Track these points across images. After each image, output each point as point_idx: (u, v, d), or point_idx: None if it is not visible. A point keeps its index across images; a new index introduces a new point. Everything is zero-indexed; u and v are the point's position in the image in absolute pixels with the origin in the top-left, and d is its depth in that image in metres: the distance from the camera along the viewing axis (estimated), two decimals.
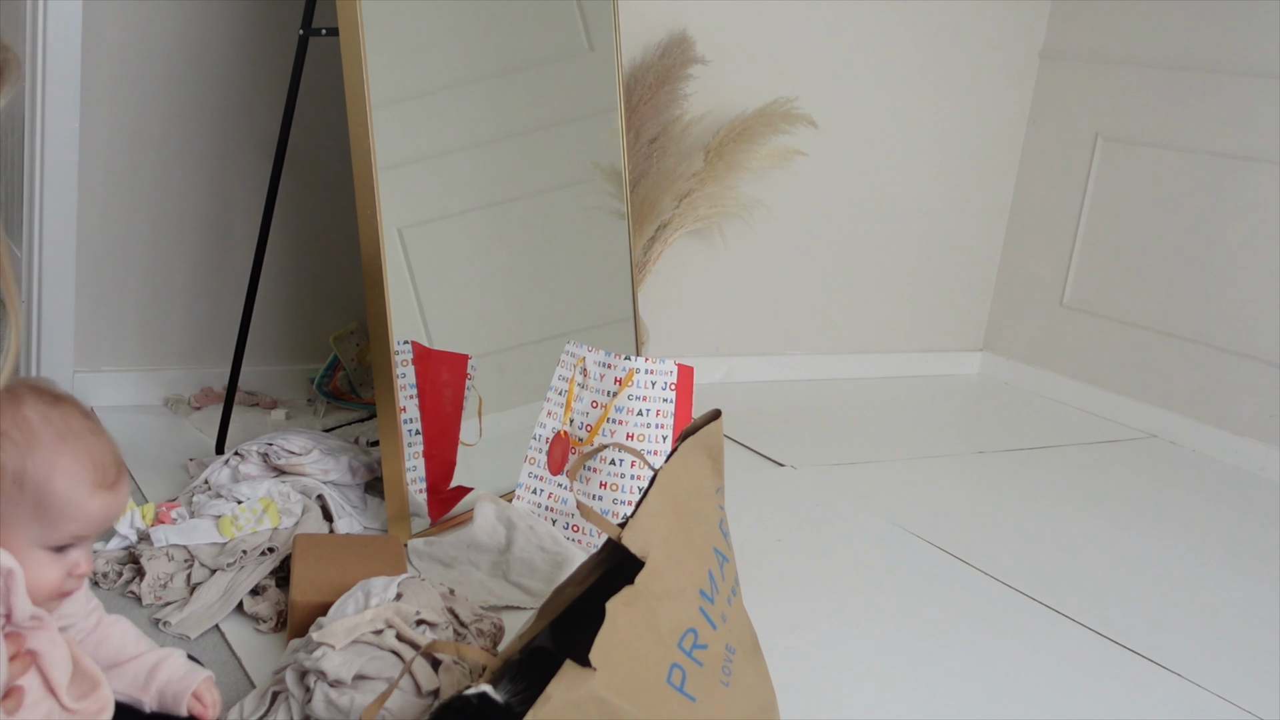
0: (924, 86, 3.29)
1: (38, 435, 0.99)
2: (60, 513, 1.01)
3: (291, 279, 2.64)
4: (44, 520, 1.01)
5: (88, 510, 1.03)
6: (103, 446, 1.05)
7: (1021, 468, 2.77)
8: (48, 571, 1.03)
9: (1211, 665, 1.87)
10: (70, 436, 1.02)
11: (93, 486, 1.03)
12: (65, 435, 1.01)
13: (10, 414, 0.98)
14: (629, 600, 1.19)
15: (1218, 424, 3.00)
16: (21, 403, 0.99)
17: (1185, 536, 2.43)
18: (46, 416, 1.01)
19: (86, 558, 1.07)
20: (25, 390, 1.01)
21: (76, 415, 1.03)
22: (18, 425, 0.98)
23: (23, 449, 0.98)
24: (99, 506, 1.04)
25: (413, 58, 2.06)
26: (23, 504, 0.99)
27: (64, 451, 1.01)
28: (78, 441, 1.02)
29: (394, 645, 1.46)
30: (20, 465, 0.98)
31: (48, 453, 1.00)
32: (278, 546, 1.81)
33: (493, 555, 1.91)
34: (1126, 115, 3.21)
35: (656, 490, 1.32)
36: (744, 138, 2.84)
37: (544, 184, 2.33)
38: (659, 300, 3.00)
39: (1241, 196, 2.96)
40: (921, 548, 2.22)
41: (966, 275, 3.54)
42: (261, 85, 2.47)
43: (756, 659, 1.43)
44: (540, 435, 2.07)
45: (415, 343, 2.02)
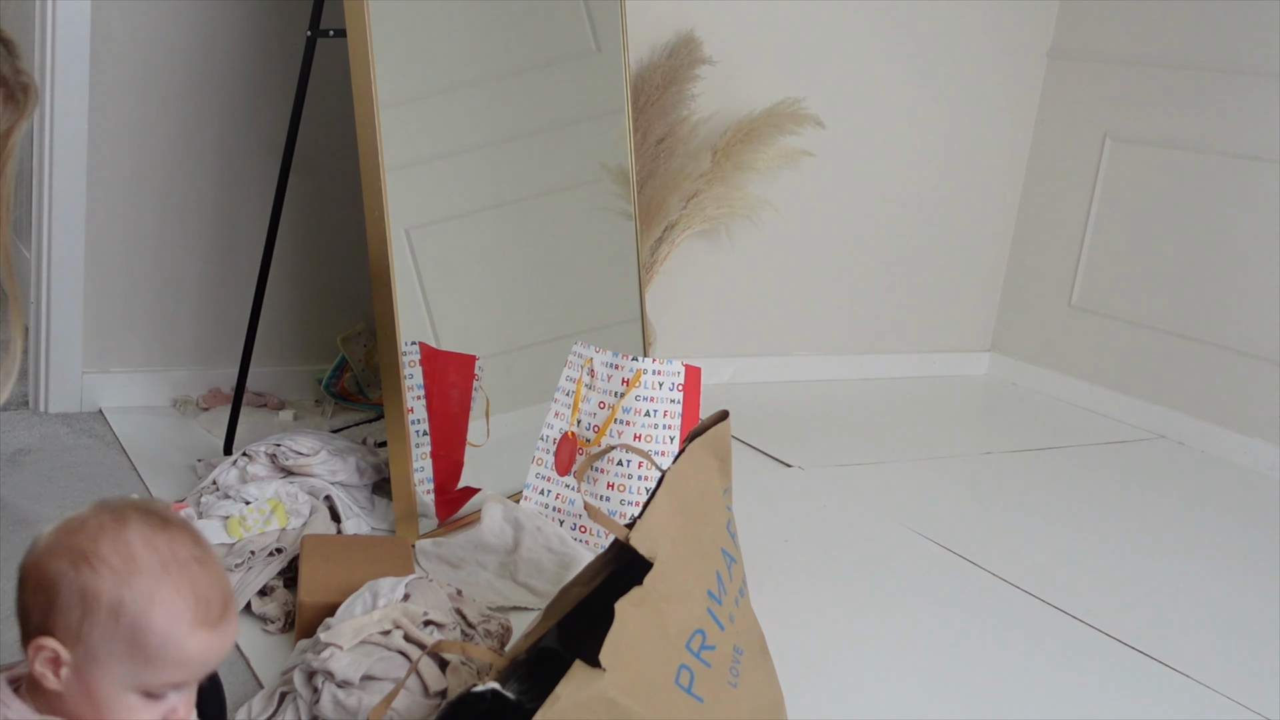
0: (932, 87, 3.28)
1: (139, 563, 0.90)
2: (156, 652, 0.91)
3: (299, 280, 2.64)
4: (138, 659, 0.91)
5: (186, 651, 0.92)
6: (210, 578, 0.94)
7: (1029, 468, 2.76)
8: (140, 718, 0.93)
9: (1220, 666, 1.86)
10: (174, 566, 0.92)
11: (193, 624, 0.92)
12: (169, 564, 0.91)
13: (113, 538, 0.89)
14: (637, 601, 1.19)
15: (1226, 425, 2.99)
16: (126, 525, 0.91)
17: (1193, 537, 2.43)
18: (151, 542, 0.91)
19: (186, 704, 0.96)
20: (132, 512, 0.93)
21: (184, 542, 0.94)
22: (119, 550, 0.89)
23: (122, 577, 0.89)
24: (198, 647, 0.93)
25: (420, 59, 2.06)
26: (117, 639, 0.89)
27: (165, 582, 0.91)
28: (181, 572, 0.92)
29: (401, 646, 1.46)
30: (118, 595, 0.89)
31: (148, 583, 0.90)
32: (285, 547, 1.82)
33: (500, 556, 1.91)
34: (1135, 115, 3.20)
35: (664, 491, 1.32)
36: (751, 138, 2.83)
37: (551, 185, 2.33)
38: (666, 301, 3.00)
39: (1250, 196, 2.95)
40: (929, 548, 2.22)
41: (974, 275, 3.54)
42: (269, 86, 2.48)
43: (764, 660, 1.42)
44: (548, 436, 2.07)
45: (423, 343, 2.02)
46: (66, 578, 0.87)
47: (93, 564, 0.86)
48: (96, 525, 0.88)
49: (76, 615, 0.86)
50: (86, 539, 0.88)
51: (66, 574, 0.87)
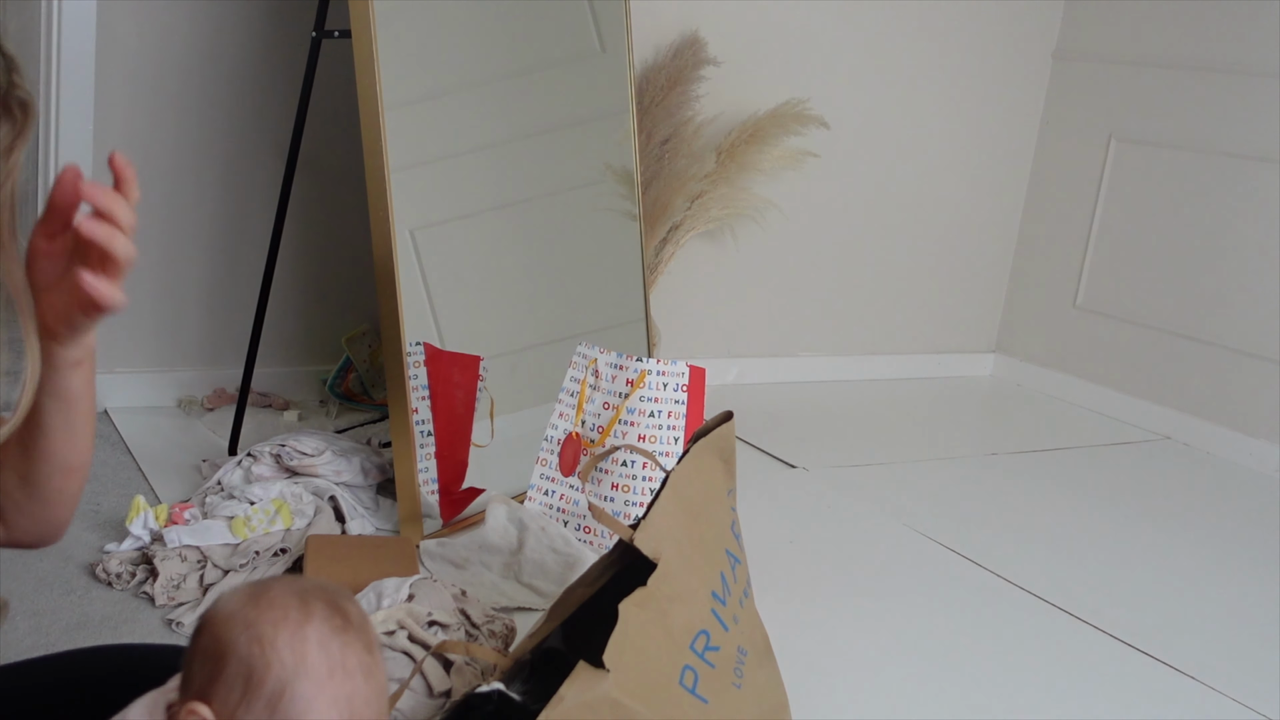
0: (937, 87, 3.28)
1: (309, 664, 0.87)
2: None
3: (304, 280, 2.64)
4: None
5: None
6: (370, 693, 0.91)
7: (1034, 469, 2.76)
8: None
9: (1225, 668, 1.86)
10: (341, 675, 0.88)
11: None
12: (335, 672, 0.88)
13: (293, 630, 0.87)
14: (641, 602, 1.19)
15: (1232, 426, 2.98)
16: (309, 618, 0.88)
17: (1199, 539, 2.42)
18: (325, 645, 0.88)
19: None
20: (318, 602, 0.90)
21: (357, 649, 0.90)
22: (294, 646, 0.87)
23: (290, 673, 0.86)
24: None
25: (425, 60, 2.06)
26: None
27: (328, 689, 0.88)
28: (346, 682, 0.89)
29: (406, 646, 1.46)
30: (279, 689, 0.86)
31: (310, 686, 0.87)
32: (290, 547, 1.82)
33: (504, 556, 1.91)
34: (1140, 116, 3.20)
35: (668, 492, 1.32)
36: (756, 139, 2.83)
37: (556, 185, 2.33)
38: (671, 302, 3.00)
39: (1256, 197, 2.94)
40: (933, 549, 2.21)
41: (979, 276, 3.53)
42: (274, 87, 2.48)
43: (768, 661, 1.42)
44: (552, 437, 2.07)
45: (427, 344, 2.02)
46: (239, 654, 0.86)
47: (265, 653, 0.85)
48: (281, 612, 0.87)
49: (237, 694, 0.85)
50: (267, 624, 0.86)
51: (239, 650, 0.86)
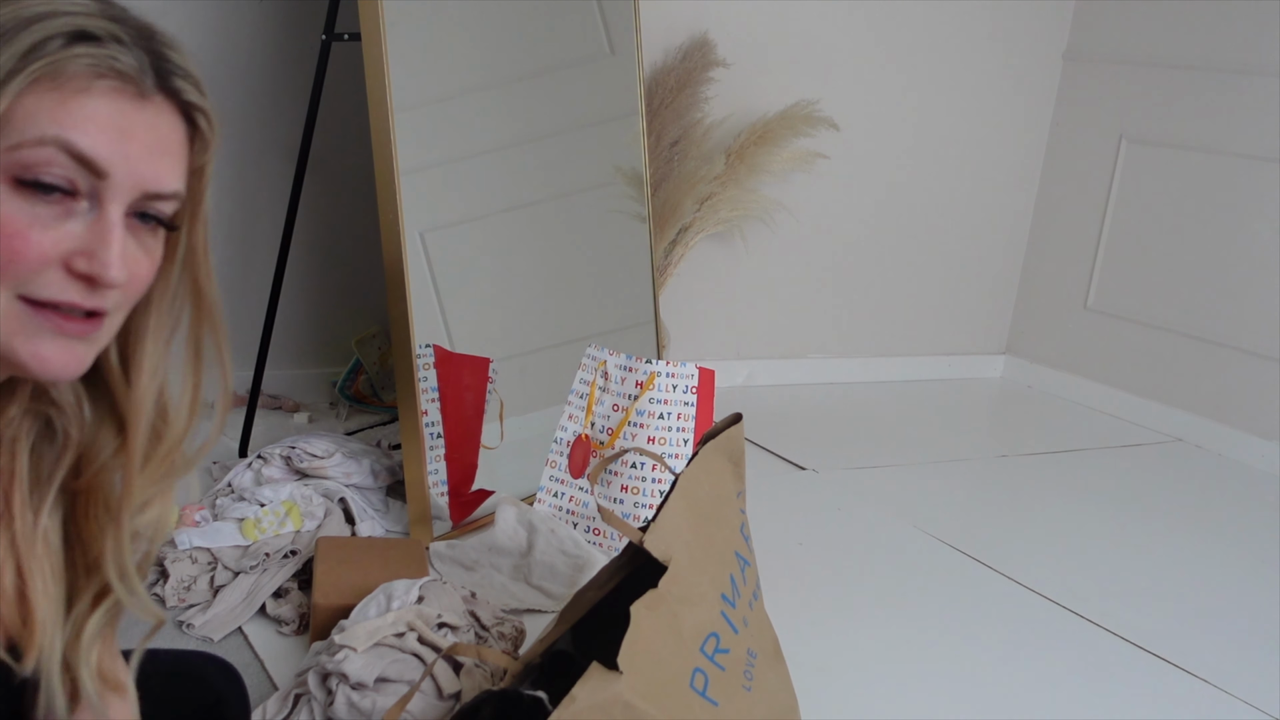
0: (947, 88, 3.27)
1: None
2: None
3: (314, 283, 2.65)
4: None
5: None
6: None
7: (1045, 471, 2.75)
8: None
9: (1237, 671, 1.85)
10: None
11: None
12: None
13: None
14: (652, 604, 1.19)
15: (1243, 428, 2.97)
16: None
17: (1210, 541, 2.41)
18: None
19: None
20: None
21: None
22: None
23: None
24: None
25: (434, 62, 2.06)
26: None
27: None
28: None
29: (415, 648, 1.46)
30: None
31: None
32: (300, 549, 1.82)
33: (514, 558, 1.91)
34: (1150, 117, 3.19)
35: (678, 494, 1.32)
36: (765, 141, 2.83)
37: (565, 187, 2.33)
38: (680, 303, 3.00)
39: (1267, 198, 2.93)
40: (944, 551, 2.21)
41: (990, 278, 3.53)
42: (284, 90, 2.49)
43: (778, 663, 1.42)
44: (561, 439, 2.07)
45: (437, 346, 2.02)
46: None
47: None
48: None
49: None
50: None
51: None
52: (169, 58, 0.79)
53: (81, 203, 0.75)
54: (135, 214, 0.79)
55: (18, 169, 0.73)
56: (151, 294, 0.84)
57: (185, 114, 0.81)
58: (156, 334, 0.86)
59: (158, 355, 0.86)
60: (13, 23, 0.73)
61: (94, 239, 0.75)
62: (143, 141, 0.77)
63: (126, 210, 0.77)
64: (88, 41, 0.74)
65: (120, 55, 0.75)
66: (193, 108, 0.80)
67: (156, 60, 0.78)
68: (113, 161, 0.75)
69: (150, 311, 0.85)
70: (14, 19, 0.73)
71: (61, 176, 0.74)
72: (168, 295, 0.85)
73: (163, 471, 0.88)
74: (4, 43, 0.72)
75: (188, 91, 0.80)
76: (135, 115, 0.76)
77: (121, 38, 0.76)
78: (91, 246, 0.75)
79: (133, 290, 0.80)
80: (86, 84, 0.74)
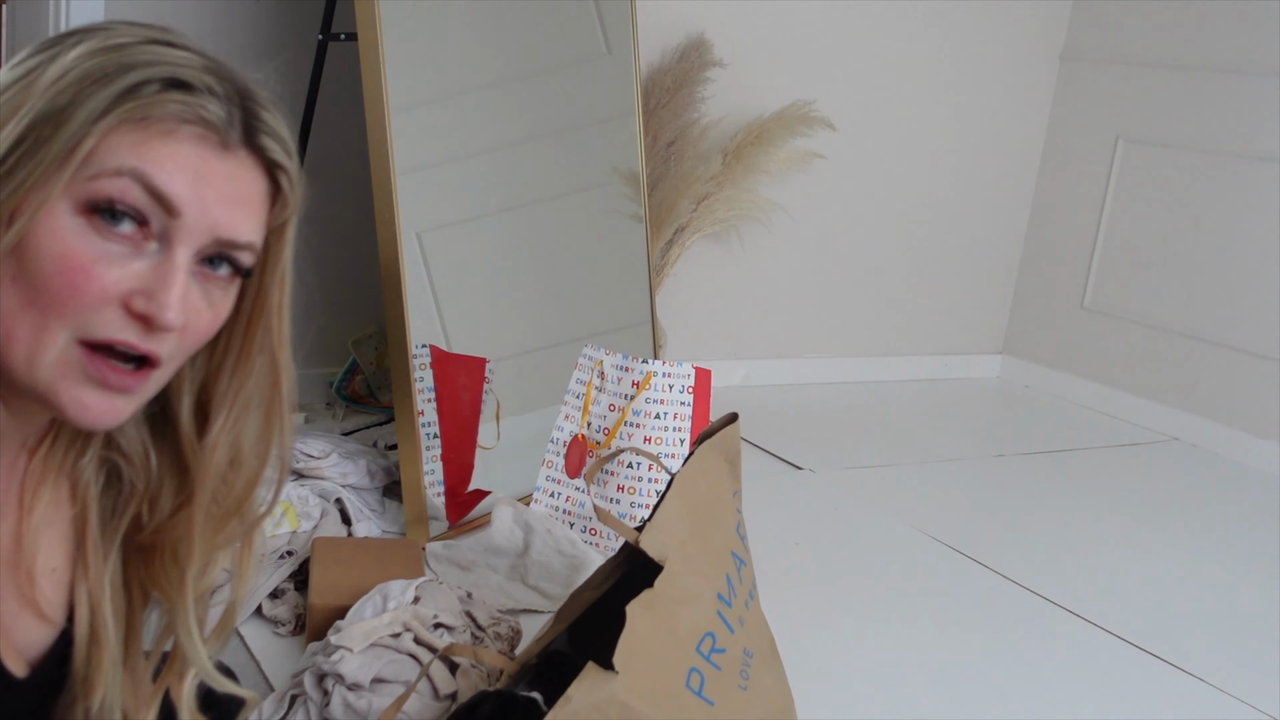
0: (944, 88, 3.28)
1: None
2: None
3: (310, 282, 2.63)
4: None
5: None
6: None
7: (1041, 471, 2.75)
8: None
9: (1234, 670, 1.85)
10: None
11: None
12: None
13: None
14: (648, 604, 1.19)
15: (1240, 427, 2.97)
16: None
17: (1206, 540, 2.41)
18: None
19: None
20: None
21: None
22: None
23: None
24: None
25: (431, 62, 2.06)
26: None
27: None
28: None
29: (412, 648, 1.46)
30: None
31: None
32: (296, 550, 1.82)
33: (510, 559, 1.91)
34: (1147, 117, 3.19)
35: (674, 494, 1.32)
36: (762, 141, 2.83)
37: (562, 188, 2.33)
38: (676, 303, 3.00)
39: (1264, 198, 2.93)
40: (941, 551, 2.21)
41: (986, 277, 3.53)
42: (281, 91, 2.48)
43: (774, 663, 1.42)
44: (558, 438, 2.07)
45: (433, 346, 2.02)
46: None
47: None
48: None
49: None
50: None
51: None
52: (260, 116, 0.81)
53: (151, 242, 0.76)
54: (207, 260, 0.79)
55: (92, 195, 0.74)
56: (227, 354, 0.85)
57: (268, 171, 0.82)
58: (233, 394, 0.86)
59: (233, 417, 0.87)
60: (115, 68, 0.75)
61: (156, 279, 0.75)
62: (220, 189, 0.78)
63: (197, 256, 0.78)
64: (181, 89, 0.76)
65: (210, 105, 0.77)
66: (276, 166, 0.82)
67: (247, 116, 0.80)
68: (187, 201, 0.76)
69: (225, 371, 0.86)
70: (118, 64, 0.75)
71: (135, 207, 0.74)
72: (246, 357, 0.86)
73: (224, 535, 0.89)
74: (103, 84, 0.74)
75: (273, 150, 0.81)
76: (216, 163, 0.78)
77: (215, 90, 0.78)
78: (152, 286, 0.75)
79: (189, 341, 0.80)
80: (172, 127, 0.76)
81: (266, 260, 0.85)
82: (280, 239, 0.85)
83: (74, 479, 0.87)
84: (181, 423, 0.86)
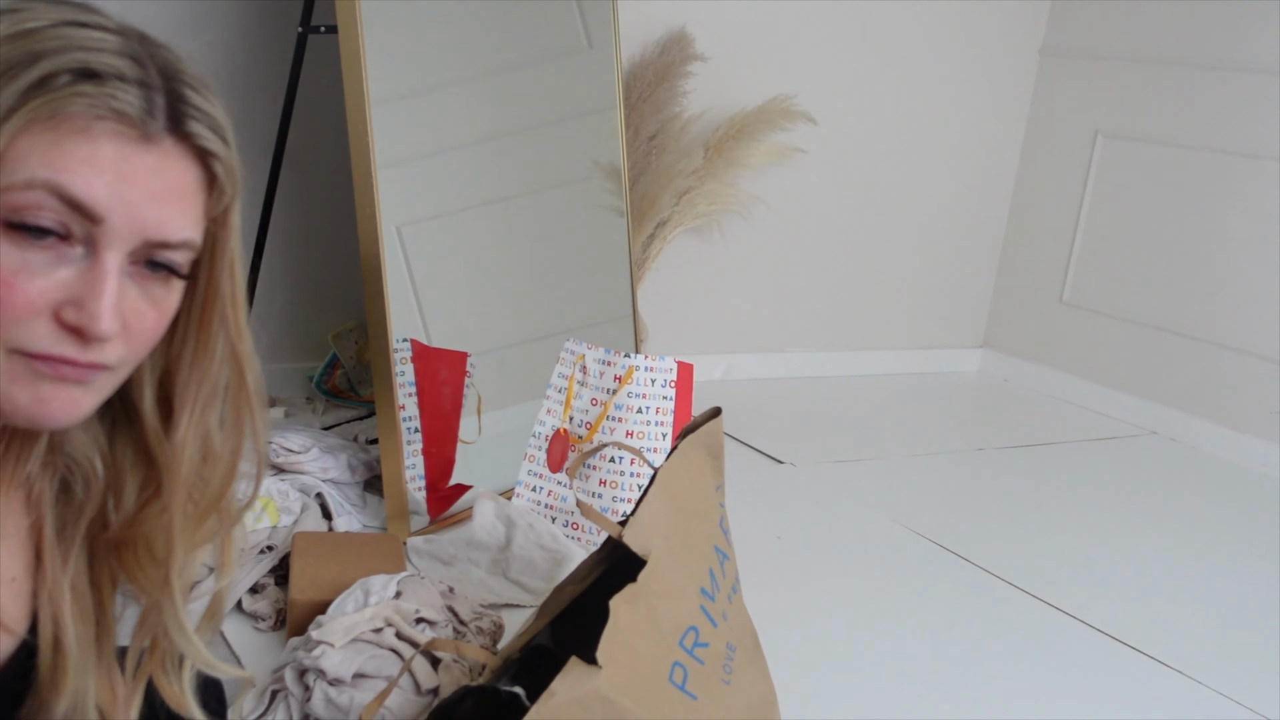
0: (924, 83, 3.28)
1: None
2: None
3: (290, 277, 2.63)
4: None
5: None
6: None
7: (1022, 465, 2.76)
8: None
9: (1213, 662, 1.87)
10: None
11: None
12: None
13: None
14: (631, 598, 1.19)
15: (1218, 421, 2.99)
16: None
17: (1186, 534, 2.43)
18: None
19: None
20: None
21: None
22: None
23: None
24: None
25: (412, 55, 2.05)
26: None
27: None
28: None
29: (393, 643, 1.46)
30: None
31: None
32: (276, 544, 1.81)
33: (492, 553, 1.91)
34: (1126, 112, 3.20)
35: (657, 488, 1.32)
36: (743, 135, 2.83)
37: (543, 181, 2.32)
38: (658, 297, 3.00)
39: (1242, 193, 2.95)
40: (922, 545, 2.22)
41: (966, 272, 3.54)
42: (260, 83, 2.47)
43: (757, 657, 1.42)
44: (540, 433, 2.06)
45: (414, 340, 2.01)
46: None
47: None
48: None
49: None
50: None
51: None
52: (187, 99, 0.74)
53: (75, 248, 0.71)
54: (145, 262, 0.74)
55: (7, 212, 0.69)
56: (184, 346, 0.81)
57: (200, 159, 0.76)
58: (195, 388, 0.82)
59: (199, 410, 0.83)
60: (22, 58, 0.69)
61: (85, 288, 0.71)
62: (146, 187, 0.72)
63: (132, 259, 0.73)
64: (91, 80, 0.70)
65: (121, 95, 0.71)
66: (207, 154, 0.76)
67: (172, 100, 0.74)
68: (109, 206, 0.70)
69: (184, 363, 0.82)
70: (25, 54, 0.69)
71: (53, 219, 0.69)
72: (204, 350, 0.82)
73: (203, 531, 0.87)
74: (8, 79, 0.68)
75: (202, 137, 0.75)
76: (138, 158, 0.72)
77: (129, 76, 0.71)
78: (82, 295, 0.71)
79: (138, 343, 0.76)
80: (85, 125, 0.70)
81: (214, 250, 0.79)
82: (224, 227, 0.79)
83: (27, 488, 0.84)
84: (145, 415, 0.83)
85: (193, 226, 0.76)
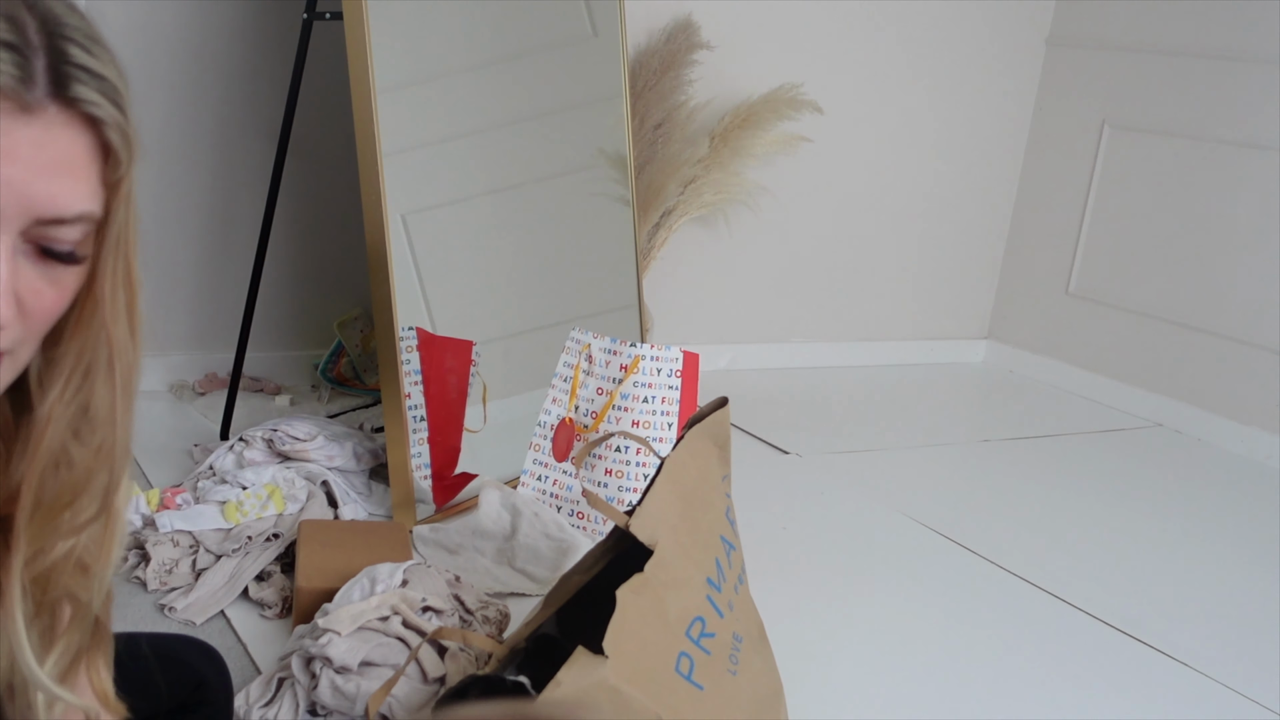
0: (930, 73, 3.27)
1: None
2: None
3: (296, 265, 2.63)
4: None
5: None
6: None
7: (1026, 456, 2.76)
8: None
9: (1216, 654, 1.87)
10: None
11: None
12: None
13: None
14: (638, 588, 1.19)
15: (1223, 413, 2.99)
16: None
17: (1190, 525, 2.43)
18: None
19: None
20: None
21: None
22: None
23: None
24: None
25: (417, 43, 2.05)
26: None
27: None
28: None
29: (400, 632, 1.46)
30: None
31: None
32: (283, 532, 1.81)
33: (498, 542, 1.91)
34: (1133, 103, 3.19)
35: (664, 478, 1.31)
36: (749, 124, 2.83)
37: (548, 170, 2.32)
38: (664, 287, 3.00)
39: (1248, 184, 2.95)
40: (926, 535, 2.22)
41: (972, 263, 3.53)
42: (265, 70, 2.46)
43: (763, 647, 1.42)
44: (545, 422, 2.06)
45: (420, 329, 2.01)
46: None
47: None
48: None
49: None
50: None
51: None
52: (73, 59, 0.66)
53: None
54: (40, 248, 0.68)
55: None
56: (65, 320, 0.74)
57: (91, 124, 0.68)
58: (73, 365, 0.75)
59: (71, 389, 0.75)
60: None
61: None
62: (29, 161, 0.65)
63: (25, 237, 0.67)
64: None
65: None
66: (98, 121, 0.68)
67: (55, 62, 0.65)
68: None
69: (63, 339, 0.75)
70: None
71: None
72: (84, 327, 0.75)
73: (54, 525, 0.77)
74: None
75: (90, 102, 0.67)
76: (18, 131, 0.64)
77: (3, 39, 0.63)
78: None
79: (36, 324, 0.70)
80: None
81: (103, 223, 0.72)
82: (115, 195, 0.72)
83: None
84: (30, 386, 0.76)
85: (87, 198, 0.69)
